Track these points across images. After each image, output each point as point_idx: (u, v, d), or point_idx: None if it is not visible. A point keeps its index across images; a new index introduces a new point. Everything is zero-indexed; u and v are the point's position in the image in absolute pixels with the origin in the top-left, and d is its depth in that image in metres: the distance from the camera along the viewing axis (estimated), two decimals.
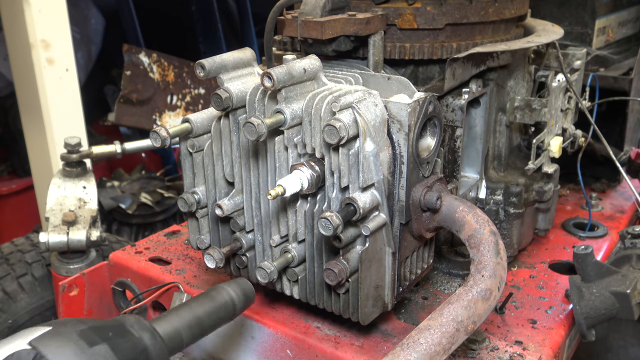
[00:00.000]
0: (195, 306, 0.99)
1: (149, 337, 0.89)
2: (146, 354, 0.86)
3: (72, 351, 0.78)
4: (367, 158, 1.03)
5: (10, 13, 2.47)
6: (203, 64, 1.12)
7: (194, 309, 0.98)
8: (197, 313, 0.97)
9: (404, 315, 1.29)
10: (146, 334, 0.89)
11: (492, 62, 1.32)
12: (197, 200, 1.24)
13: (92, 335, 0.82)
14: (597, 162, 1.87)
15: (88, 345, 0.80)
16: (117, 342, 0.84)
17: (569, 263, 1.50)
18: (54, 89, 2.47)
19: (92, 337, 0.82)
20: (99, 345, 0.81)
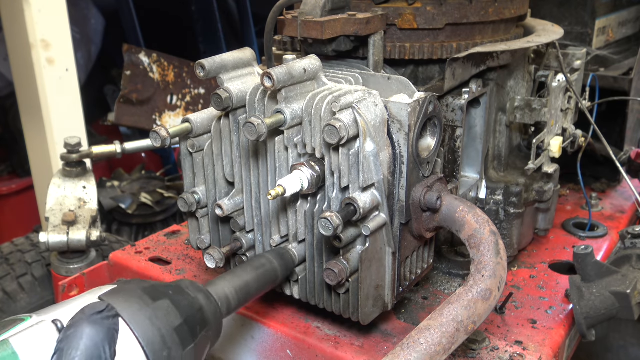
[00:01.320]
0: (242, 273, 1.06)
1: (204, 298, 0.96)
2: (202, 312, 0.93)
3: (138, 304, 0.85)
4: (367, 158, 1.03)
5: (10, 13, 2.48)
6: (203, 64, 1.12)
7: (241, 275, 1.05)
8: (244, 279, 1.05)
9: (404, 315, 1.29)
10: (201, 295, 0.95)
11: (492, 62, 1.32)
12: (197, 200, 1.24)
13: (155, 291, 0.89)
14: (597, 162, 1.87)
15: (152, 299, 0.87)
16: (177, 298, 0.90)
17: (569, 263, 1.50)
18: (54, 89, 2.47)
19: (154, 293, 0.88)
20: (162, 300, 0.88)
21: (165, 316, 0.86)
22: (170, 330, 0.86)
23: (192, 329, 0.89)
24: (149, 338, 0.83)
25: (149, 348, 0.82)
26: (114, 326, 0.80)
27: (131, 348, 0.82)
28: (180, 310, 0.89)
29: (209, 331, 0.94)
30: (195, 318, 0.91)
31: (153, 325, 0.84)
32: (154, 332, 0.84)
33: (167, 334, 0.85)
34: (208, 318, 0.94)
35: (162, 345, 0.84)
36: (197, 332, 0.90)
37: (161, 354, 0.83)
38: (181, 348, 0.86)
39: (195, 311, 0.92)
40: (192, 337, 0.89)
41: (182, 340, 0.87)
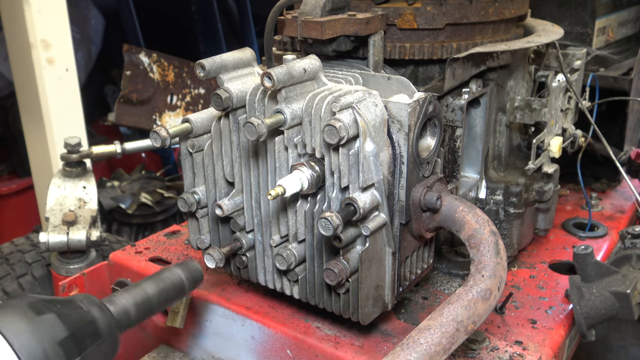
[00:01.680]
0: (145, 285, 1.05)
1: (97, 311, 0.94)
2: (94, 325, 0.92)
3: (20, 319, 0.84)
4: (367, 158, 1.03)
5: (10, 13, 2.48)
6: (203, 64, 1.12)
7: (144, 288, 1.04)
8: (146, 292, 1.04)
9: (404, 315, 1.29)
10: (95, 308, 0.94)
11: (492, 62, 1.32)
12: (197, 200, 1.24)
13: (41, 306, 0.87)
14: (597, 162, 1.87)
15: (36, 314, 0.85)
16: (65, 312, 0.89)
17: (569, 263, 1.50)
18: (54, 89, 2.47)
19: (40, 308, 0.87)
20: (47, 314, 0.86)
21: (48, 329, 0.85)
22: (53, 343, 0.84)
23: (80, 342, 0.88)
24: (29, 352, 0.81)
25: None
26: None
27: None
28: (66, 324, 0.87)
29: (101, 344, 0.92)
30: (85, 331, 0.89)
31: (35, 339, 0.83)
32: (35, 346, 0.82)
33: (49, 348, 0.83)
34: (100, 331, 0.92)
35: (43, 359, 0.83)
36: (86, 344, 0.89)
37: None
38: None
39: (85, 324, 0.90)
40: (78, 350, 0.87)
41: (66, 353, 0.85)
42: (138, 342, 1.51)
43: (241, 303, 1.32)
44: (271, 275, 1.23)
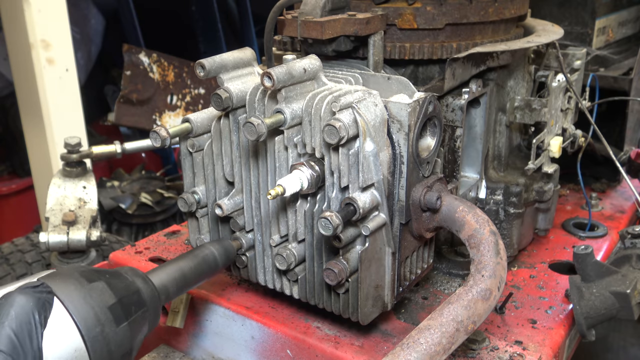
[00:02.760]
0: (181, 262, 1.11)
1: (141, 282, 1.01)
2: (139, 294, 0.98)
3: (73, 285, 0.90)
4: (367, 158, 1.03)
5: (10, 13, 2.48)
6: (203, 64, 1.12)
7: (180, 265, 1.11)
8: (182, 268, 1.11)
9: (404, 315, 1.29)
10: (139, 279, 1.01)
11: (492, 62, 1.32)
12: (197, 200, 1.24)
13: (91, 274, 0.94)
14: (597, 162, 1.87)
15: (87, 281, 0.92)
16: (113, 281, 0.96)
17: (569, 263, 1.50)
18: (54, 89, 2.47)
19: (91, 276, 0.94)
20: (97, 282, 0.93)
21: (99, 295, 0.92)
22: (103, 308, 0.91)
23: (127, 308, 0.94)
24: (82, 315, 0.88)
25: (82, 324, 0.87)
26: (47, 299, 0.85)
27: (65, 324, 0.86)
28: (114, 291, 0.94)
29: (145, 312, 0.98)
30: (131, 299, 0.96)
31: (87, 304, 0.89)
32: (87, 310, 0.89)
33: (100, 312, 0.90)
34: (144, 300, 0.99)
35: (95, 322, 0.89)
36: (131, 311, 0.95)
37: (94, 330, 0.88)
38: (115, 325, 0.91)
39: (131, 293, 0.97)
40: (125, 316, 0.94)
41: (115, 317, 0.92)
42: None
43: (241, 303, 1.32)
44: (271, 275, 1.23)
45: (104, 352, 0.90)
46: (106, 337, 0.90)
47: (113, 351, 0.91)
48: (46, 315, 0.85)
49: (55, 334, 0.85)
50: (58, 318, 0.87)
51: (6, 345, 0.79)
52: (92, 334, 0.88)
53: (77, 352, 0.87)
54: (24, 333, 0.81)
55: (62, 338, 0.86)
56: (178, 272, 1.10)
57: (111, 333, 0.91)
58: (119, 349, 0.92)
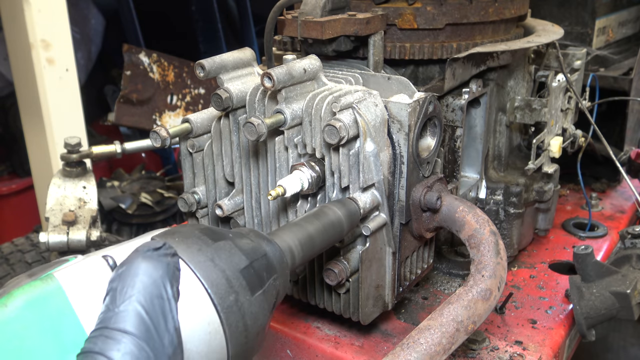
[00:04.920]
0: (306, 224, 0.92)
1: (267, 244, 0.83)
2: (267, 258, 0.80)
3: (197, 244, 0.74)
4: (367, 158, 1.03)
5: (10, 13, 2.48)
6: (203, 64, 1.12)
7: (305, 226, 0.92)
8: (308, 230, 0.91)
9: (404, 315, 1.29)
10: (264, 241, 0.83)
11: (492, 62, 1.32)
12: (197, 200, 1.24)
13: (213, 233, 0.78)
14: (597, 162, 1.87)
15: (212, 239, 0.75)
16: (239, 241, 0.78)
17: (569, 263, 1.50)
18: (54, 89, 2.47)
19: (214, 234, 0.77)
20: (223, 241, 0.76)
21: (228, 257, 0.74)
22: (235, 272, 0.73)
23: (259, 273, 0.77)
24: (213, 280, 0.71)
25: (213, 291, 0.70)
26: (175, 264, 0.66)
27: (194, 292, 0.69)
28: (244, 253, 0.76)
29: (276, 279, 0.80)
30: (261, 263, 0.78)
31: (216, 267, 0.72)
32: (218, 274, 0.72)
33: (232, 277, 0.73)
34: (274, 265, 0.81)
35: (228, 289, 0.71)
36: (264, 277, 0.77)
37: (228, 299, 0.71)
38: (249, 293, 0.74)
39: (260, 256, 0.79)
40: (260, 282, 0.76)
41: (249, 284, 0.74)
42: None
43: None
44: None
45: (240, 326, 0.72)
46: (241, 307, 0.72)
47: (249, 325, 0.73)
48: (177, 284, 0.65)
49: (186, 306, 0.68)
50: (186, 286, 0.69)
51: (137, 327, 0.59)
52: (226, 303, 0.70)
53: (210, 327, 0.69)
54: (157, 310, 0.61)
55: (192, 309, 0.68)
56: (304, 234, 0.90)
57: (246, 303, 0.73)
58: (254, 322, 0.74)
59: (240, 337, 0.71)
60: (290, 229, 0.90)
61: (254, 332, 0.73)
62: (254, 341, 0.74)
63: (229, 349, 0.70)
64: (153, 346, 0.59)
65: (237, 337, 0.71)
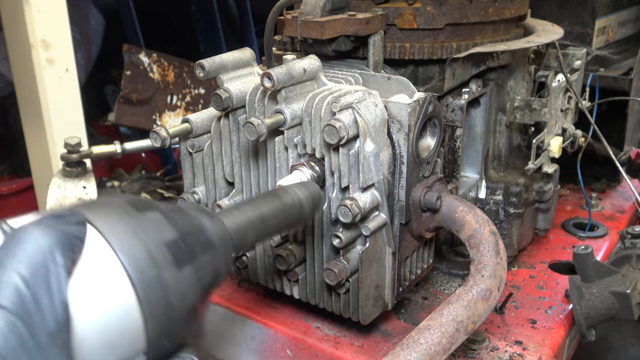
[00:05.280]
0: (260, 203, 0.85)
1: (208, 219, 0.75)
2: (204, 233, 0.72)
3: (118, 214, 0.66)
4: (367, 158, 1.03)
5: (10, 13, 2.48)
6: (203, 64, 1.12)
7: (259, 205, 0.85)
8: (262, 210, 0.84)
9: (404, 315, 1.29)
10: (204, 216, 0.75)
11: (492, 62, 1.32)
12: (197, 200, 1.24)
13: (143, 203, 0.70)
14: (597, 162, 1.87)
15: (137, 210, 0.68)
16: (172, 214, 0.70)
17: (569, 263, 1.50)
18: (54, 89, 2.47)
19: (142, 205, 0.69)
20: (151, 212, 0.68)
21: (153, 229, 0.67)
22: (159, 244, 0.66)
23: (190, 248, 0.69)
24: (131, 252, 0.63)
25: (130, 264, 0.62)
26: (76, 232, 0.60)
27: (106, 265, 0.62)
28: (174, 225, 0.69)
29: (214, 256, 0.73)
30: (196, 238, 0.71)
31: (136, 238, 0.64)
32: (138, 246, 0.64)
33: (155, 250, 0.65)
34: (213, 242, 0.73)
35: (148, 262, 0.64)
36: (196, 253, 0.70)
37: (148, 273, 0.63)
38: (175, 267, 0.66)
39: (195, 230, 0.72)
40: (189, 257, 0.69)
41: (176, 258, 0.67)
42: None
43: (241, 303, 1.32)
44: (271, 275, 1.23)
45: (161, 305, 0.64)
46: (164, 283, 0.64)
47: (174, 304, 0.65)
48: (74, 256, 0.59)
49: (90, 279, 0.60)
50: (95, 256, 0.62)
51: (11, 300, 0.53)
52: (144, 278, 0.63)
53: (123, 305, 0.61)
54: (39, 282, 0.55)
55: (101, 284, 0.61)
56: (256, 214, 0.83)
57: (170, 279, 0.65)
58: (181, 301, 0.66)
59: (162, 317, 0.64)
60: (243, 208, 0.83)
61: (180, 312, 0.66)
62: (180, 322, 0.67)
63: (148, 328, 0.63)
64: (29, 322, 0.53)
65: (158, 316, 0.63)
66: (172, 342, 0.67)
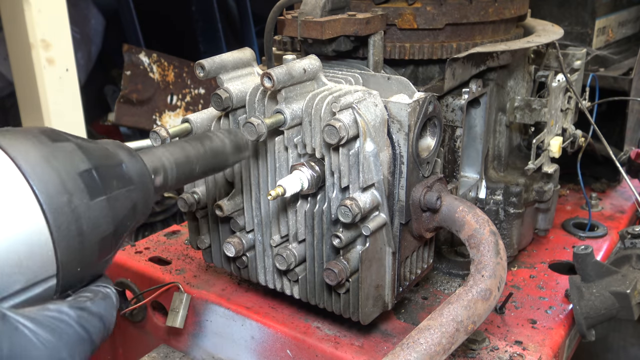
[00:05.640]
0: (184, 145, 0.85)
1: (126, 155, 0.74)
2: (120, 168, 0.72)
3: (30, 141, 0.65)
4: (367, 158, 1.03)
5: (10, 13, 2.48)
6: (203, 64, 1.12)
7: (183, 147, 0.84)
8: (186, 151, 0.84)
9: (404, 315, 1.29)
10: (123, 152, 0.75)
11: (492, 62, 1.32)
12: (197, 200, 1.24)
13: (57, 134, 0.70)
14: (597, 162, 1.87)
15: (51, 140, 0.67)
16: (88, 146, 0.71)
17: (569, 263, 1.50)
18: (54, 89, 2.47)
19: (56, 135, 0.69)
20: (65, 143, 0.68)
21: (67, 158, 0.67)
22: (72, 173, 0.66)
23: (105, 180, 0.69)
24: (41, 178, 0.63)
25: (40, 189, 0.62)
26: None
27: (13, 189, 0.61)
28: (89, 157, 0.69)
29: (131, 191, 0.72)
30: (111, 171, 0.70)
31: (48, 164, 0.64)
32: (49, 173, 0.64)
33: (67, 178, 0.65)
34: (131, 178, 0.73)
35: (59, 189, 0.64)
36: (112, 186, 0.69)
37: (58, 199, 0.63)
38: (88, 197, 0.66)
39: (112, 164, 0.71)
40: (104, 188, 0.68)
41: (88, 187, 0.67)
42: (138, 342, 1.51)
43: (241, 303, 1.32)
44: (271, 275, 1.23)
45: (72, 231, 0.64)
46: (75, 210, 0.65)
47: (85, 231, 0.66)
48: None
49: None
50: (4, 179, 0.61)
51: None
52: (55, 204, 0.63)
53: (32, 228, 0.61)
54: None
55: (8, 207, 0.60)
56: (181, 155, 0.82)
57: (82, 206, 0.65)
58: (93, 229, 0.67)
59: (73, 242, 0.65)
60: (167, 147, 0.82)
61: (92, 240, 0.67)
62: (92, 250, 0.67)
63: (57, 253, 0.63)
64: None
65: (68, 241, 0.64)
66: (85, 269, 0.67)
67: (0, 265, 0.60)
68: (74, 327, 0.63)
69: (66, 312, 0.63)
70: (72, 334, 0.62)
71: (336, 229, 1.08)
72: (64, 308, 0.64)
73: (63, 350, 0.61)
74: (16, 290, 0.61)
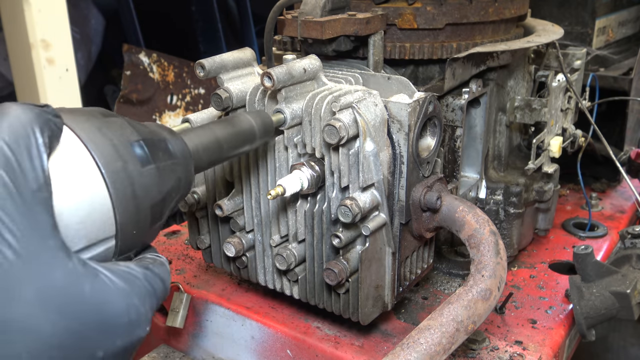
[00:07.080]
0: (214, 127, 0.89)
1: (169, 134, 0.79)
2: (165, 143, 0.76)
3: (84, 115, 0.71)
4: (367, 158, 1.03)
5: (10, 13, 2.48)
6: (203, 64, 1.12)
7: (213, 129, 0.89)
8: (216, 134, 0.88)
9: (404, 315, 1.29)
10: (165, 131, 0.79)
11: (492, 62, 1.32)
12: (197, 200, 1.24)
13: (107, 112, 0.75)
14: (597, 162, 1.87)
15: (103, 115, 0.72)
16: (134, 123, 0.75)
17: (569, 263, 1.50)
18: (54, 89, 2.47)
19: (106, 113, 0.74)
20: (116, 117, 0.73)
21: (118, 129, 0.71)
22: (125, 142, 0.71)
23: (153, 151, 0.73)
24: (99, 145, 0.68)
25: (98, 155, 0.67)
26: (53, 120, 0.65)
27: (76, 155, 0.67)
28: (137, 130, 0.73)
29: (176, 165, 0.77)
30: (158, 145, 0.75)
31: (103, 135, 0.69)
32: (104, 141, 0.69)
33: (120, 146, 0.70)
34: (174, 152, 0.77)
35: (114, 155, 0.69)
36: (159, 157, 0.74)
37: (114, 164, 0.68)
38: (139, 164, 0.71)
39: (157, 139, 0.76)
40: (153, 158, 0.73)
41: (139, 156, 0.71)
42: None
43: (241, 303, 1.32)
44: (271, 275, 1.23)
45: (128, 194, 0.69)
46: (130, 175, 0.69)
47: (139, 196, 0.70)
48: (52, 137, 0.64)
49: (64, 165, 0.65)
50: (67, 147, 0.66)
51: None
52: (111, 168, 0.68)
53: (93, 190, 0.66)
54: (21, 149, 0.60)
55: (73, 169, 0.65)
56: (211, 137, 0.87)
57: (135, 172, 0.70)
58: (146, 194, 0.71)
59: (129, 205, 0.69)
60: (197, 131, 0.87)
61: (145, 204, 0.71)
62: (145, 214, 0.71)
63: (116, 214, 0.68)
64: (14, 177, 0.59)
65: (125, 203, 0.69)
66: (139, 234, 0.72)
67: (68, 223, 0.64)
68: (143, 281, 0.70)
69: (134, 268, 0.70)
70: (141, 286, 0.69)
71: (336, 229, 1.08)
72: (132, 265, 0.70)
73: (135, 297, 0.67)
74: (81, 247, 0.66)
